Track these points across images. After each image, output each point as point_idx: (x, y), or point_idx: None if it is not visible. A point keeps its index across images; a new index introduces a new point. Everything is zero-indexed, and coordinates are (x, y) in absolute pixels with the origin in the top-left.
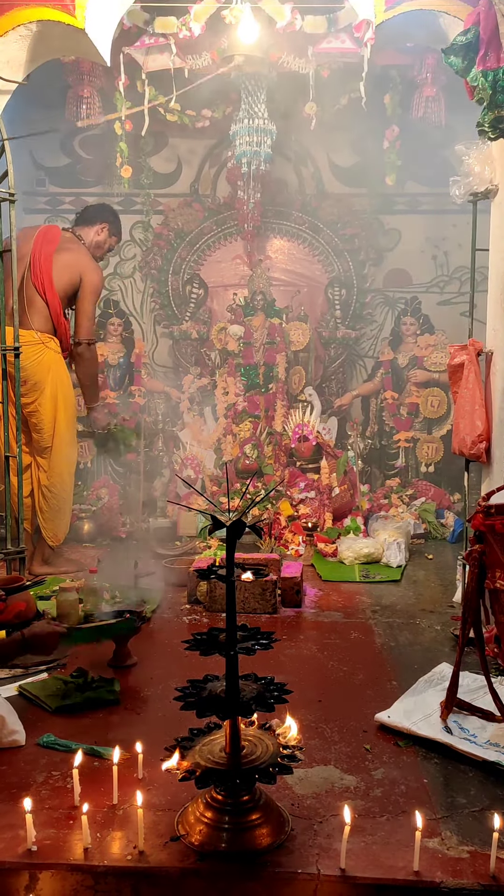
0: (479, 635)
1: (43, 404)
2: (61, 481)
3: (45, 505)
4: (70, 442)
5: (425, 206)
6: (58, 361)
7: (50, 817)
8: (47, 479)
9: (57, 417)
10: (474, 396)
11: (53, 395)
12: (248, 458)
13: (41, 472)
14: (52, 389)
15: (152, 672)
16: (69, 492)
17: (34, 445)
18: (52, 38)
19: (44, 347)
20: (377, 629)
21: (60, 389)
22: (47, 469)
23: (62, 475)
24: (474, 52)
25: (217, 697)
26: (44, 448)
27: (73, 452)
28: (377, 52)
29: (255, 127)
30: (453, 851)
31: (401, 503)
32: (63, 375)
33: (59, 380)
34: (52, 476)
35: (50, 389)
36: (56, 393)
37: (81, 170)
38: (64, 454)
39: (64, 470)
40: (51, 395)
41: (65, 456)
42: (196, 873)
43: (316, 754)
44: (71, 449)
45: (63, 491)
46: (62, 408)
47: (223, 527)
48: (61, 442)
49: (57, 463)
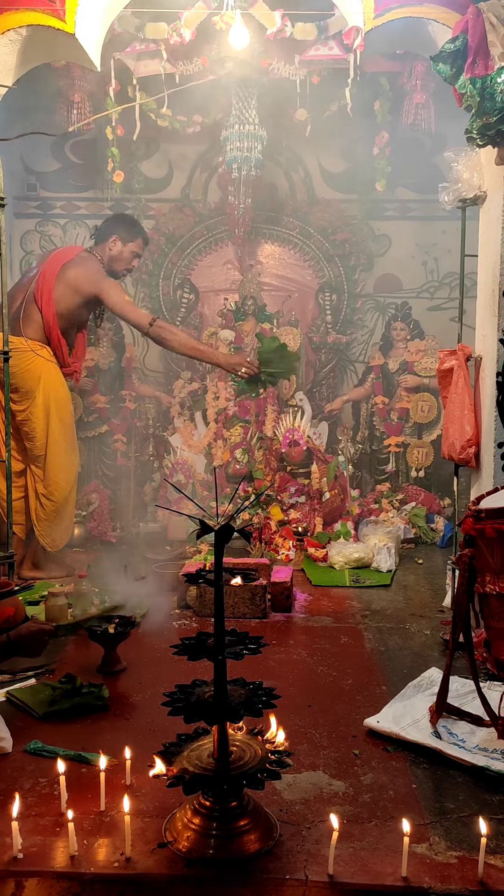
0: (469, 640)
1: (35, 412)
2: (58, 489)
3: (43, 513)
4: (66, 449)
5: (415, 212)
6: (49, 369)
7: (36, 824)
8: (44, 487)
9: (50, 426)
10: (463, 401)
11: (45, 404)
12: (239, 462)
13: (37, 480)
14: (44, 398)
15: (141, 677)
16: (68, 499)
17: (27, 454)
18: (42, 43)
19: (33, 355)
20: (367, 634)
21: (53, 397)
22: (43, 477)
23: (59, 483)
24: (462, 60)
25: (205, 703)
26: (37, 456)
27: (71, 460)
28: (367, 58)
29: (245, 132)
30: (441, 857)
31: (391, 508)
32: (56, 383)
33: (52, 388)
34: (48, 484)
35: (41, 397)
36: (48, 401)
37: (73, 175)
38: (60, 462)
39: (61, 477)
40: (42, 404)
41: (62, 463)
42: (184, 880)
43: (305, 759)
44: (68, 456)
45: (61, 498)
46: (55, 416)
47: (211, 531)
48: (56, 450)
49: (53, 471)
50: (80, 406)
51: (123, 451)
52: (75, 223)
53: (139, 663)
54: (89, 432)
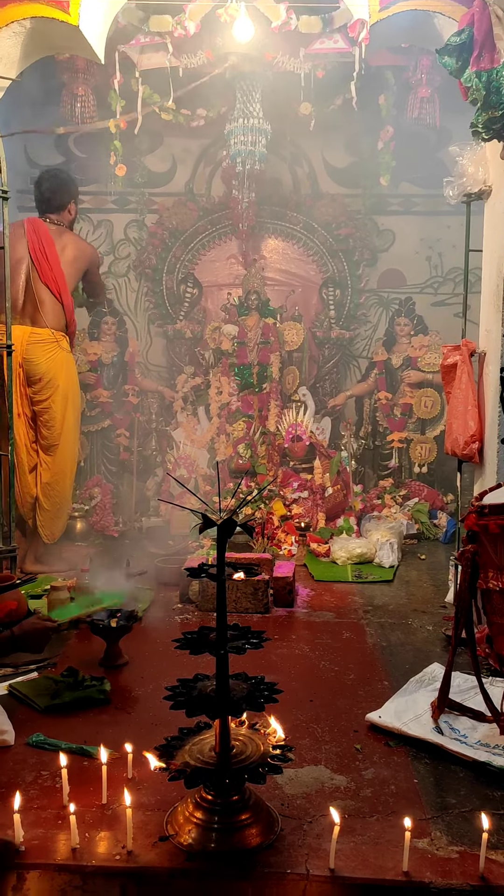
0: (471, 635)
1: (56, 401)
2: (63, 479)
3: (47, 503)
4: (74, 441)
5: (419, 207)
6: (69, 360)
7: (38, 817)
8: (50, 476)
9: (66, 415)
10: (467, 397)
11: (64, 394)
12: (242, 457)
13: (44, 469)
14: (64, 388)
15: (143, 672)
16: (69, 491)
17: (41, 443)
18: (46, 35)
19: (57, 346)
20: (369, 629)
21: (71, 388)
22: (51, 466)
23: (64, 472)
24: (468, 53)
25: (207, 697)
26: (50, 445)
27: (76, 452)
28: (372, 52)
29: (249, 126)
30: (443, 852)
31: (394, 504)
32: (73, 375)
33: (70, 379)
34: (55, 473)
35: (62, 387)
36: (67, 391)
37: (76, 168)
38: (68, 452)
39: (66, 468)
40: (62, 394)
41: (69, 454)
42: (185, 873)
43: (306, 754)
44: (75, 448)
45: (64, 489)
46: (71, 407)
47: (214, 525)
48: (67, 439)
49: (61, 460)
50: (83, 400)
51: (126, 446)
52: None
53: (141, 657)
54: (92, 426)
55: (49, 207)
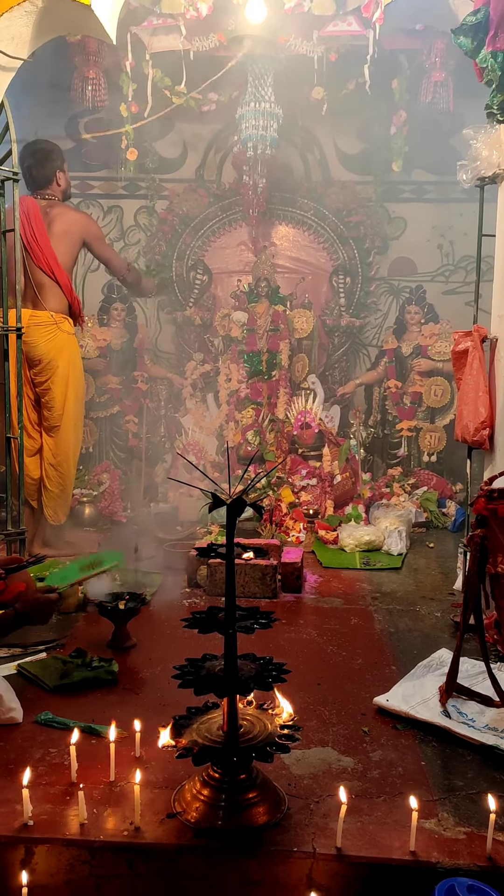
0: (480, 621)
1: (56, 382)
2: (66, 460)
3: (50, 483)
4: (77, 423)
5: (431, 194)
6: (71, 342)
7: (47, 793)
8: (53, 457)
9: (67, 396)
10: (478, 383)
11: (65, 375)
12: (251, 444)
13: (49, 451)
14: (65, 369)
15: (151, 654)
16: (73, 471)
17: (44, 424)
18: (58, 15)
19: (57, 329)
20: (377, 615)
21: (72, 370)
22: (53, 447)
23: (68, 454)
24: (484, 33)
25: (215, 676)
26: (52, 427)
27: (79, 434)
28: (385, 35)
29: (261, 110)
30: (450, 832)
31: (402, 492)
32: (75, 357)
33: (72, 361)
34: (58, 454)
35: (62, 369)
36: (68, 373)
37: (86, 153)
38: (71, 433)
39: (70, 449)
40: (63, 375)
41: (72, 435)
42: (192, 850)
43: (314, 736)
44: (77, 430)
45: (68, 470)
46: (72, 388)
47: (224, 504)
48: (69, 421)
49: (64, 441)
50: (92, 386)
51: (135, 432)
52: (88, 202)
53: (149, 640)
54: (101, 413)
55: (36, 184)
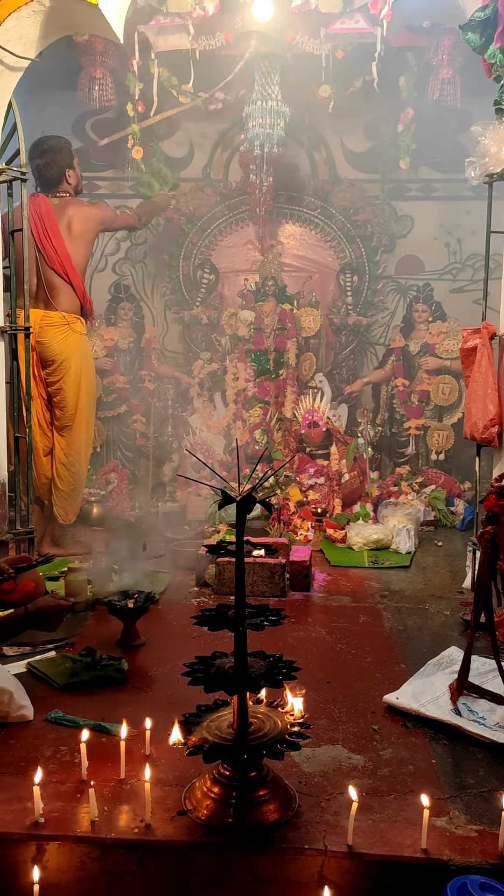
0: (491, 618)
1: (68, 383)
2: (78, 460)
3: (61, 483)
4: (88, 422)
5: (439, 192)
6: (83, 343)
7: (57, 790)
8: (65, 456)
9: (80, 397)
10: (487, 380)
11: (77, 376)
12: (258, 443)
13: (59, 449)
14: (77, 369)
15: (160, 652)
16: (84, 471)
17: (56, 424)
18: (65, 14)
19: (69, 329)
20: (386, 613)
21: (84, 371)
22: (65, 447)
23: (80, 453)
24: (492, 28)
25: (225, 673)
26: (64, 426)
27: (90, 433)
28: (393, 33)
29: (268, 109)
30: (461, 830)
31: (410, 490)
32: (87, 357)
33: (83, 361)
34: (70, 454)
35: (74, 369)
36: (80, 373)
37: (93, 153)
38: (83, 433)
39: (81, 449)
40: (75, 375)
41: (83, 435)
42: (202, 847)
43: (324, 734)
44: (89, 429)
45: (80, 469)
46: (84, 389)
47: (233, 501)
48: (81, 421)
49: (76, 441)
50: (99, 386)
51: (142, 432)
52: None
53: (158, 639)
54: (108, 412)
55: (47, 183)
